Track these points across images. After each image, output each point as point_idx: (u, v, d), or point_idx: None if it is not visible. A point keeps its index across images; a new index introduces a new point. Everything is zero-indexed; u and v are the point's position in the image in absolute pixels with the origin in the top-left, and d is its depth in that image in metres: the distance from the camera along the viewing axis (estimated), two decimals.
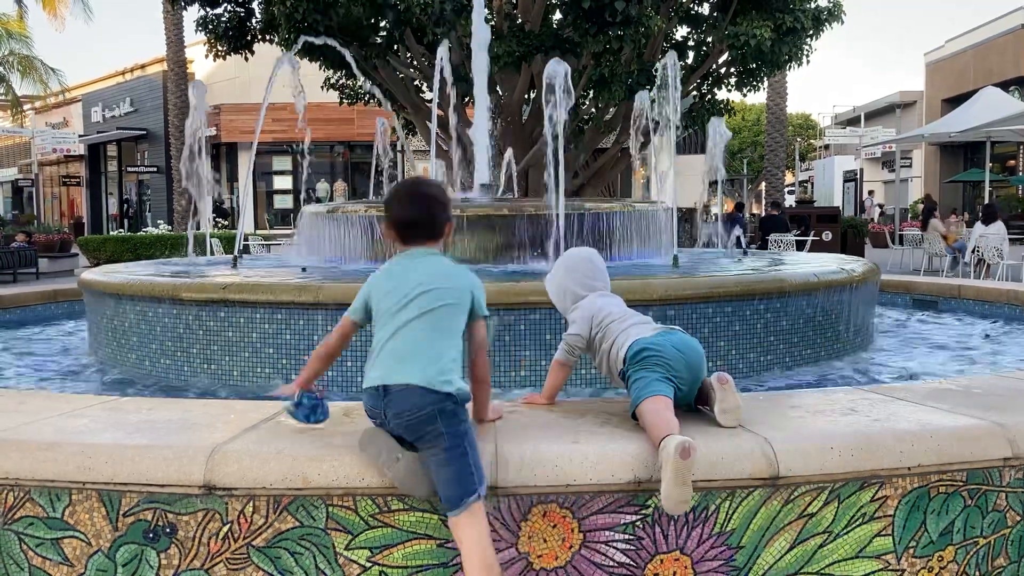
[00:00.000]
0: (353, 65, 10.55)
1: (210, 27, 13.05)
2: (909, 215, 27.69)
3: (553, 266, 3.34)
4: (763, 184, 31.80)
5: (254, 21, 13.14)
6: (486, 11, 11.10)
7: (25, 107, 36.83)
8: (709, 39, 13.21)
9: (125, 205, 36.75)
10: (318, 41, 9.60)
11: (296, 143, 29.44)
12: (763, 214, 22.58)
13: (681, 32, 14.12)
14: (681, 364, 2.79)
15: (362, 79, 14.13)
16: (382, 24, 11.99)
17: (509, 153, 9.82)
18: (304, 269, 6.14)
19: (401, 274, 2.63)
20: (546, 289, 3.30)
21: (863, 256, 14.66)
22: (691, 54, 13.85)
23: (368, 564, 2.47)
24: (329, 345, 2.79)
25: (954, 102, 29.30)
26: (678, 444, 2.34)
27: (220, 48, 13.31)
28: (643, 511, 2.49)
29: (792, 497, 2.53)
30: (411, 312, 2.52)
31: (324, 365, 2.84)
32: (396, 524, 2.46)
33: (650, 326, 3.00)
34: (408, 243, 2.71)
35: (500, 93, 12.61)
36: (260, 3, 12.40)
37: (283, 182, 31.22)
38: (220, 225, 25.79)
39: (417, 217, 2.69)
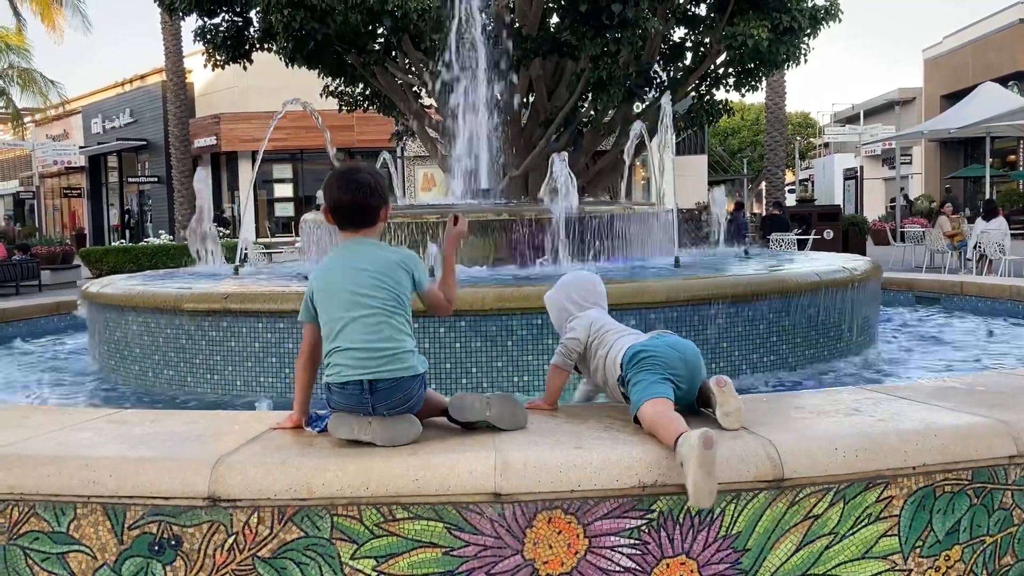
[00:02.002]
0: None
1: (208, 37, 13.05)
2: (912, 208, 27.64)
3: (555, 285, 3.36)
4: (763, 183, 31.80)
5: (252, 30, 13.15)
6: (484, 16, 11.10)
7: (25, 120, 36.92)
8: (707, 40, 13.20)
9: (126, 216, 36.81)
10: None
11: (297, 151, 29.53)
12: (764, 213, 22.58)
13: (679, 33, 14.11)
14: (679, 362, 2.80)
15: (361, 86, 14.14)
16: (379, 31, 12.00)
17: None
18: (306, 277, 6.14)
19: (342, 269, 2.75)
20: (545, 304, 3.34)
21: (865, 254, 14.66)
22: (689, 55, 13.84)
23: (374, 573, 2.46)
24: (304, 363, 2.90)
25: (953, 98, 29.27)
26: (701, 435, 2.34)
27: (218, 57, 13.31)
28: (648, 515, 2.48)
29: (797, 499, 2.53)
30: (367, 306, 2.67)
31: (312, 376, 2.92)
32: (401, 533, 2.46)
33: (637, 334, 3.04)
34: (344, 229, 2.84)
35: (499, 97, 12.62)
36: (258, 12, 12.40)
37: (284, 190, 31.26)
38: (221, 234, 25.81)
39: (350, 203, 2.79)
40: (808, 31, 12.28)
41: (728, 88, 13.85)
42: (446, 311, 3.05)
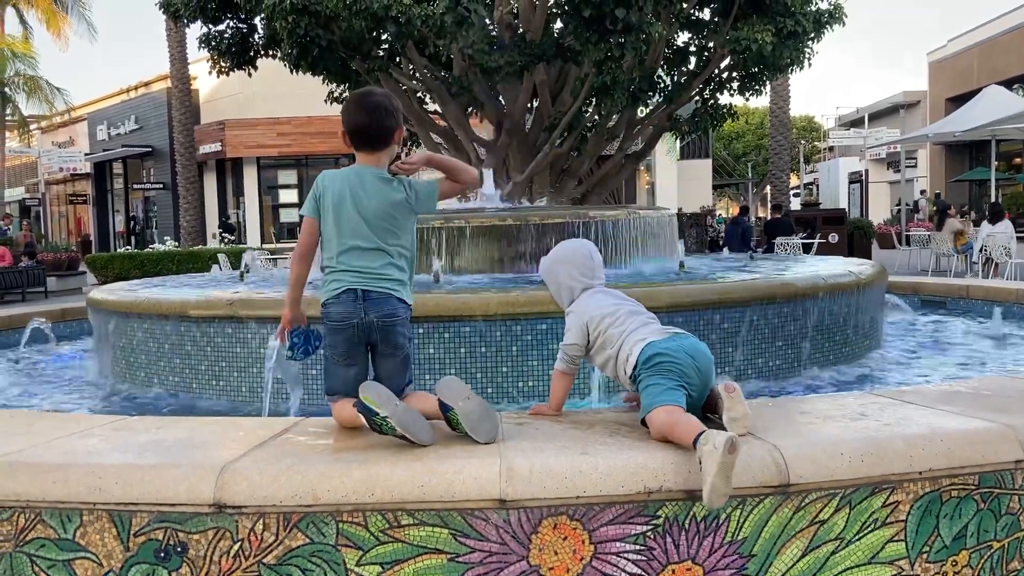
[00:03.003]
0: None
1: (213, 44, 13.08)
2: (915, 216, 27.62)
3: (550, 253, 3.33)
4: (768, 187, 31.79)
5: (256, 37, 13.18)
6: (487, 21, 11.12)
7: (31, 127, 37.08)
8: (710, 44, 13.20)
9: (132, 222, 36.90)
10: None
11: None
12: (768, 217, 22.56)
13: (682, 38, 14.11)
14: (693, 371, 2.79)
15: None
16: (384, 37, 12.02)
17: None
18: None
19: (355, 196, 2.95)
20: (542, 276, 3.34)
21: (870, 257, 14.63)
22: (693, 59, 13.84)
23: None
24: (308, 245, 3.04)
25: (958, 101, 29.22)
26: (727, 439, 2.32)
27: (223, 64, 13.35)
28: (653, 522, 2.48)
29: (803, 504, 2.52)
30: (370, 240, 2.94)
31: (307, 267, 3.08)
32: (406, 539, 2.46)
33: (653, 327, 2.98)
34: (360, 150, 3.02)
35: (502, 103, 12.63)
36: (262, 19, 12.43)
37: (289, 195, 31.30)
38: (227, 240, 25.86)
39: (366, 123, 2.99)
40: (812, 35, 12.27)
41: (732, 92, 13.84)
42: (466, 183, 3.24)
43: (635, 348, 2.88)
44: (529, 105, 13.26)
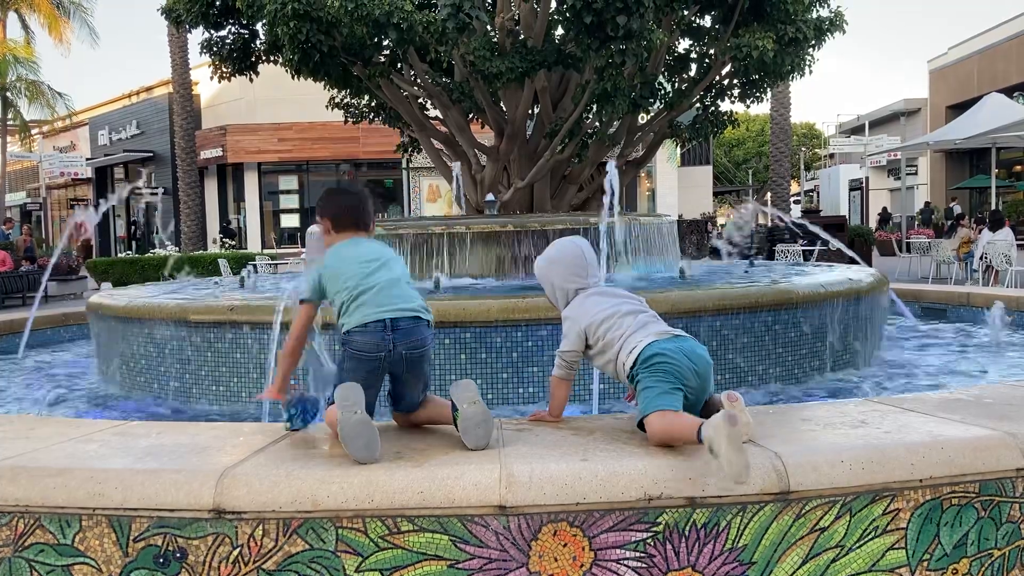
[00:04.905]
0: None
1: (215, 49, 13.08)
2: (916, 223, 27.63)
3: (543, 253, 3.30)
4: (768, 194, 31.80)
5: (258, 42, 13.18)
6: (489, 28, 11.13)
7: (33, 132, 37.10)
8: (711, 51, 13.21)
9: (133, 227, 36.92)
10: None
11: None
12: (769, 224, 22.56)
13: (683, 45, 14.11)
14: (691, 374, 2.79)
15: (366, 98, 14.21)
16: (385, 43, 12.03)
17: None
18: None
19: (356, 252, 3.06)
20: (536, 276, 3.31)
21: (871, 265, 14.62)
22: (694, 66, 13.84)
23: None
24: (299, 338, 3.08)
25: (958, 109, 29.26)
26: (725, 415, 2.39)
27: (225, 70, 13.34)
28: (653, 528, 2.48)
29: (803, 511, 2.52)
30: (383, 271, 3.01)
31: (296, 360, 3.11)
32: (406, 545, 2.45)
33: (652, 328, 2.94)
34: (345, 231, 3.15)
35: (504, 109, 12.64)
36: (264, 25, 12.44)
37: (290, 201, 31.33)
38: (228, 246, 25.87)
39: (352, 205, 3.19)
40: (813, 42, 12.27)
41: (733, 99, 13.84)
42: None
43: (635, 348, 2.87)
44: (530, 111, 13.27)
